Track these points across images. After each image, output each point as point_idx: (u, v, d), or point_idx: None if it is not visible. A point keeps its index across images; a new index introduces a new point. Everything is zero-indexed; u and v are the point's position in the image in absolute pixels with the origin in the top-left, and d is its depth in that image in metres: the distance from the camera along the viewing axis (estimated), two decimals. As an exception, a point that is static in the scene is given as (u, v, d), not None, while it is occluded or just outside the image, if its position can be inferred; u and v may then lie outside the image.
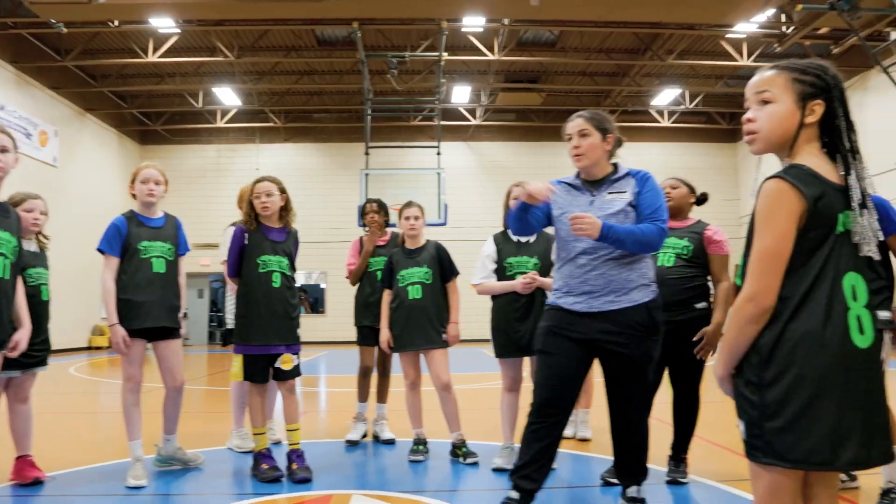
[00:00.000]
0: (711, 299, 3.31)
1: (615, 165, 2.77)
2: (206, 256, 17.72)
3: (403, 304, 3.93)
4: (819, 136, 1.55)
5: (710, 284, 3.34)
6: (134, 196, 3.62)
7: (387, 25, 13.53)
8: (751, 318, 1.46)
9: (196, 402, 6.78)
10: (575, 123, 2.71)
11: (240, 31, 13.90)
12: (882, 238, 1.50)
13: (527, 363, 3.69)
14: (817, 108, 1.52)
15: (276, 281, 3.52)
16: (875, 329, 1.46)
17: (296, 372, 3.60)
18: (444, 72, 14.28)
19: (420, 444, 3.94)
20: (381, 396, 4.51)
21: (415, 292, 3.92)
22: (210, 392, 7.73)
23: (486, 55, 14.39)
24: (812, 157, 1.51)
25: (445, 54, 13.12)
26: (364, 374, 4.50)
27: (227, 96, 16.71)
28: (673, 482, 3.27)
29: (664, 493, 3.18)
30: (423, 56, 13.64)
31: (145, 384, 3.64)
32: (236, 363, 3.80)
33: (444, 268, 4.02)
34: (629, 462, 2.78)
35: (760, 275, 1.46)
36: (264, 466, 3.42)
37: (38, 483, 3.37)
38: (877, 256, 1.48)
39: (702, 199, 3.52)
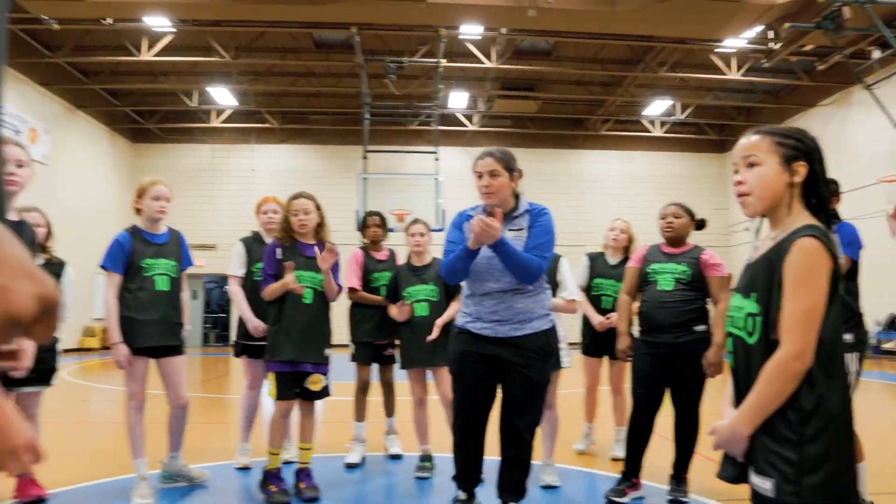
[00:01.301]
0: (710, 321, 3.44)
1: (517, 198, 2.94)
2: (201, 257, 17.68)
3: (410, 321, 3.99)
4: (802, 197, 1.65)
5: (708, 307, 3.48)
6: (138, 211, 3.54)
7: (386, 31, 13.58)
8: (796, 375, 1.48)
9: (193, 413, 6.78)
10: (486, 163, 2.85)
11: (236, 32, 13.89)
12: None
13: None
14: (801, 169, 1.62)
15: (308, 297, 3.48)
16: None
17: (324, 393, 3.58)
18: (443, 78, 14.36)
19: (426, 460, 4.01)
20: (389, 410, 4.50)
21: (421, 309, 3.99)
22: (207, 401, 7.72)
23: (483, 62, 14.50)
24: (807, 217, 1.60)
25: (444, 61, 13.20)
26: (362, 392, 4.38)
27: (223, 96, 16.68)
28: (674, 501, 3.39)
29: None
30: (422, 62, 13.71)
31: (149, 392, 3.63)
32: (271, 381, 3.59)
33: (449, 285, 4.04)
34: (508, 476, 2.91)
35: (806, 332, 1.48)
36: (273, 489, 3.39)
37: (40, 501, 3.34)
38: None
39: (700, 225, 3.63)
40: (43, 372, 3.44)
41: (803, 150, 1.62)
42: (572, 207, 18.33)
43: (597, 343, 4.44)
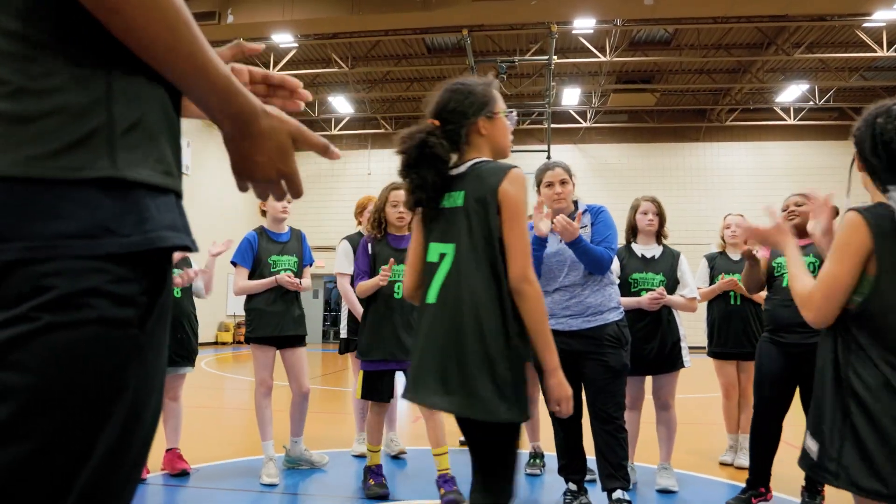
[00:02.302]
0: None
1: (576, 203, 3.21)
2: (321, 258, 18.53)
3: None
4: None
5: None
6: (263, 213, 3.94)
7: (496, 31, 13.57)
8: None
9: (314, 403, 7.12)
10: (556, 173, 3.15)
11: (353, 43, 14.43)
12: None
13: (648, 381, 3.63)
14: None
15: (399, 292, 3.44)
16: None
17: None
18: (554, 75, 14.14)
19: (537, 457, 3.95)
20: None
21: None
22: (326, 393, 8.09)
23: (597, 56, 14.10)
24: None
25: (555, 57, 12.99)
26: None
27: (341, 105, 17.41)
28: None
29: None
30: (533, 60, 13.56)
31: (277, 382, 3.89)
32: (359, 380, 3.62)
33: None
34: (607, 462, 2.99)
35: None
36: (371, 482, 3.43)
37: (185, 474, 3.71)
38: None
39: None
40: (189, 353, 3.83)
41: None
42: (694, 204, 17.38)
43: (727, 342, 4.15)
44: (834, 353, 1.63)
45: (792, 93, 16.13)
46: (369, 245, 3.54)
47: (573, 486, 3.14)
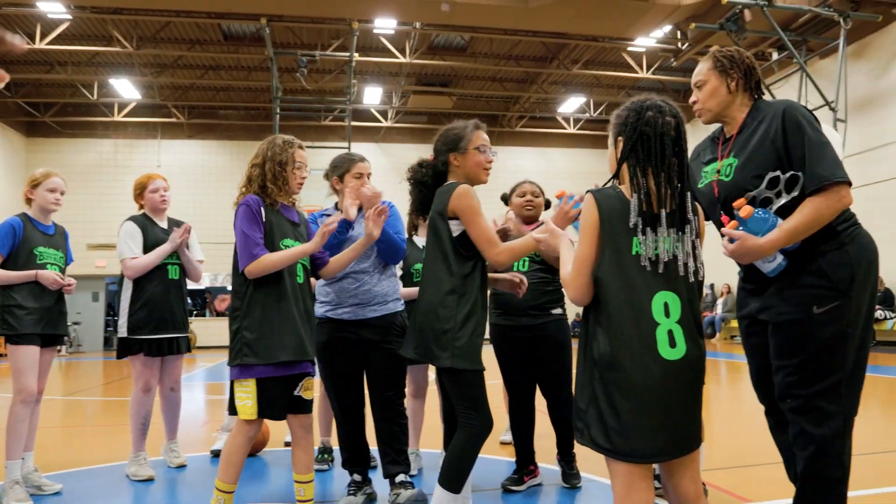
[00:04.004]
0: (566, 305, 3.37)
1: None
2: (102, 258, 16.77)
3: None
4: None
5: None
6: (28, 201, 3.56)
7: (297, 23, 13.27)
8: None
9: (96, 416, 6.43)
10: (366, 164, 3.30)
11: (139, 21, 13.22)
12: None
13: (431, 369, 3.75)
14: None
15: (301, 276, 2.73)
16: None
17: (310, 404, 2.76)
18: (356, 72, 14.19)
19: (325, 452, 3.94)
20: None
21: None
22: (109, 404, 7.32)
23: (397, 57, 14.41)
24: None
25: (356, 55, 13.03)
26: None
27: (126, 88, 15.86)
28: (571, 487, 3.38)
29: (562, 496, 3.32)
30: (334, 56, 13.47)
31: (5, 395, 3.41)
32: (245, 393, 2.57)
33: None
34: (391, 448, 3.08)
35: None
36: None
37: None
38: None
39: (548, 204, 3.61)
40: None
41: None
42: (486, 203, 18.46)
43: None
44: (586, 324, 1.80)
45: (571, 104, 17.88)
46: (262, 209, 2.67)
47: (357, 478, 3.18)
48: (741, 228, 2.01)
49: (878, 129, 12.61)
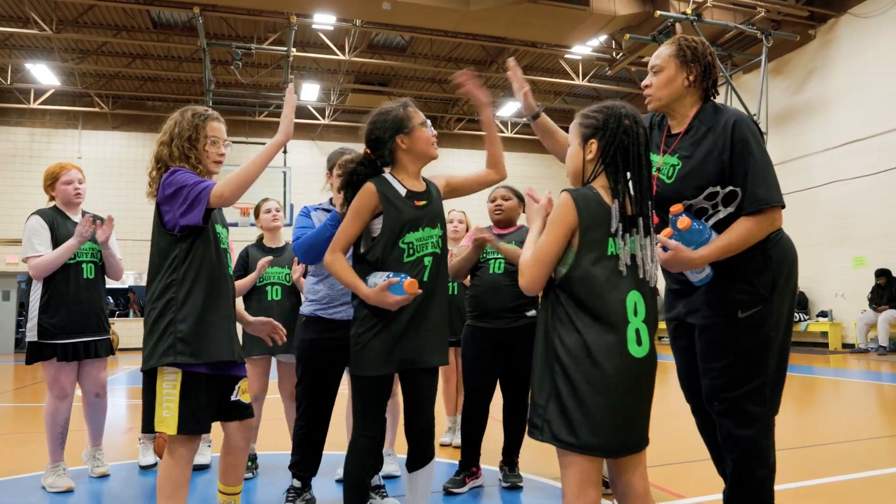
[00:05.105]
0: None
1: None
2: (13, 254, 15.75)
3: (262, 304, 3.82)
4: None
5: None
6: None
7: (232, 14, 12.86)
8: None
9: (5, 424, 6.00)
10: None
11: (59, 3, 12.50)
12: None
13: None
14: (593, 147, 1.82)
15: (231, 274, 2.50)
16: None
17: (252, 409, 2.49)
18: (293, 68, 13.87)
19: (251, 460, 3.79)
20: None
21: (274, 293, 3.86)
22: (21, 410, 6.88)
23: (336, 54, 14.19)
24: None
25: (294, 50, 12.74)
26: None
27: (44, 74, 14.95)
28: (512, 487, 3.38)
29: (505, 497, 3.30)
30: (271, 50, 13.12)
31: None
32: (170, 400, 2.23)
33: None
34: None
35: None
36: None
37: None
38: None
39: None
40: None
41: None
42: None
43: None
44: (545, 320, 1.79)
45: (510, 108, 18.08)
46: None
47: (297, 483, 3.05)
48: (675, 237, 2.03)
49: (795, 142, 13.35)
